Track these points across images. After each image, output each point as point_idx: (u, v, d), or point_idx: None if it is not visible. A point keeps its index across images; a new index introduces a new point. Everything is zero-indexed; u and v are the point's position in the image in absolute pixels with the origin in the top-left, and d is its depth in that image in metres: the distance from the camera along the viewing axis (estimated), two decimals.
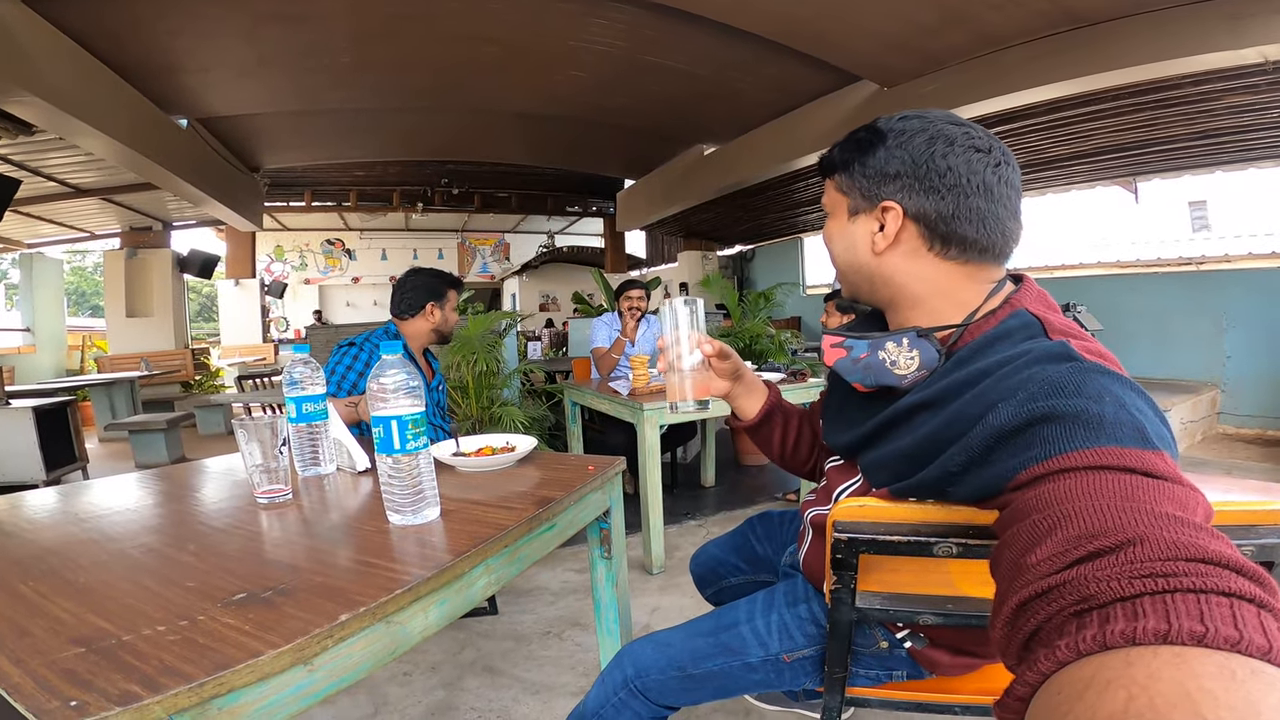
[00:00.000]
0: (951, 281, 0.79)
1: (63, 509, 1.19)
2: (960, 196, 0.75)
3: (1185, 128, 4.50)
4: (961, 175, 0.75)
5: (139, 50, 4.40)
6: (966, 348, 0.75)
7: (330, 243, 13.54)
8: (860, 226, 0.83)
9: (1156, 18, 3.45)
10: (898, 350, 0.79)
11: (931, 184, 0.76)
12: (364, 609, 0.72)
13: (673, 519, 3.27)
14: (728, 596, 1.45)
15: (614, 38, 4.53)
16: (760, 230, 9.90)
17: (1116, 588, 0.40)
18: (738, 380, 1.11)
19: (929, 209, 0.77)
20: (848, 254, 0.86)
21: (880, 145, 0.80)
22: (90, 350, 9.16)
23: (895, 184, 0.78)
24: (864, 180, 0.82)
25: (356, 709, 1.77)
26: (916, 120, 0.79)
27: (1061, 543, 0.47)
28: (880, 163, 0.80)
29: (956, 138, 0.76)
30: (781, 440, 1.19)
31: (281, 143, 6.99)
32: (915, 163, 0.77)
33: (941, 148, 0.76)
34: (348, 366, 2.05)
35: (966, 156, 0.76)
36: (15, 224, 7.38)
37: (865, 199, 0.82)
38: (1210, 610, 0.36)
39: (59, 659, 0.61)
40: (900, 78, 4.69)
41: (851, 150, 0.83)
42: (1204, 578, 0.39)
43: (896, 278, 0.82)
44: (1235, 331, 5.04)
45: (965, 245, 0.77)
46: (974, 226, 0.76)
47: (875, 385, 0.82)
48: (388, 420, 0.98)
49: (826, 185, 0.90)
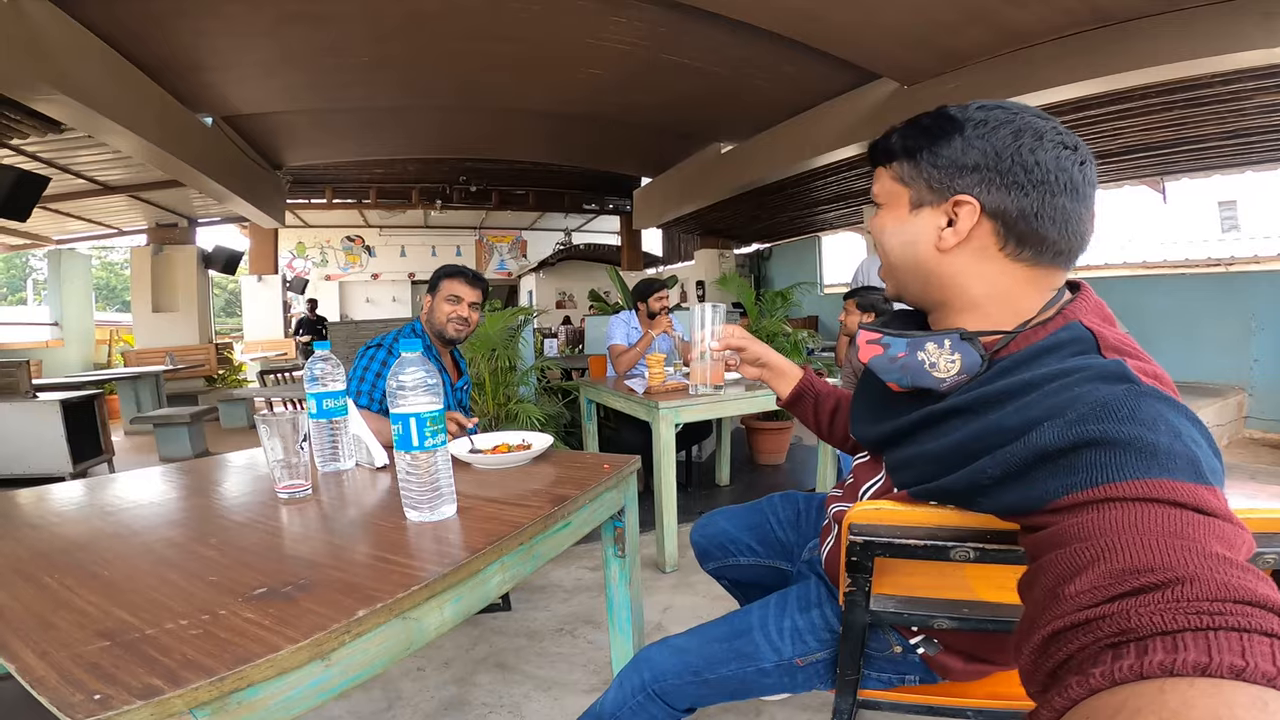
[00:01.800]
0: (1015, 286, 0.74)
1: (89, 502, 1.22)
2: (1047, 194, 0.70)
3: (1215, 127, 4.41)
4: (1050, 171, 0.70)
5: (165, 49, 4.47)
6: (1011, 357, 0.71)
7: (350, 239, 13.70)
8: (924, 221, 0.77)
9: (1187, 16, 3.38)
10: (938, 352, 0.74)
11: (1016, 179, 0.70)
12: (381, 605, 0.73)
13: (687, 517, 3.26)
14: (732, 575, 1.42)
15: (632, 36, 4.53)
16: (777, 229, 9.86)
17: (1159, 621, 0.40)
18: (764, 367, 1.20)
19: (1010, 206, 0.71)
20: (906, 250, 0.80)
21: (957, 134, 0.73)
22: (117, 344, 9.36)
23: (973, 177, 0.72)
24: (934, 170, 0.75)
25: (370, 704, 1.79)
26: (1000, 111, 0.73)
27: (1104, 575, 0.46)
28: (956, 153, 0.73)
29: (1045, 132, 0.71)
30: (815, 417, 1.24)
31: (304, 140, 7.07)
32: (999, 155, 0.71)
33: (1030, 141, 0.70)
34: (376, 374, 1.97)
35: (1056, 152, 0.70)
36: (44, 220, 7.55)
37: (933, 191, 0.76)
38: (1251, 647, 0.36)
39: (84, 652, 0.62)
40: (920, 76, 4.64)
41: (918, 137, 0.77)
42: (1249, 618, 0.38)
43: (959, 278, 0.76)
44: (1264, 334, 4.93)
45: (1043, 247, 0.72)
46: (1058, 227, 0.71)
47: (911, 386, 0.78)
48: (406, 418, 0.99)
49: (880, 174, 0.83)
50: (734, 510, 1.45)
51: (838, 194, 7.48)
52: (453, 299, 2.13)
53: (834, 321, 8.42)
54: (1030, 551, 0.59)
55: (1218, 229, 13.11)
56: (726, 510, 1.46)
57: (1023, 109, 0.73)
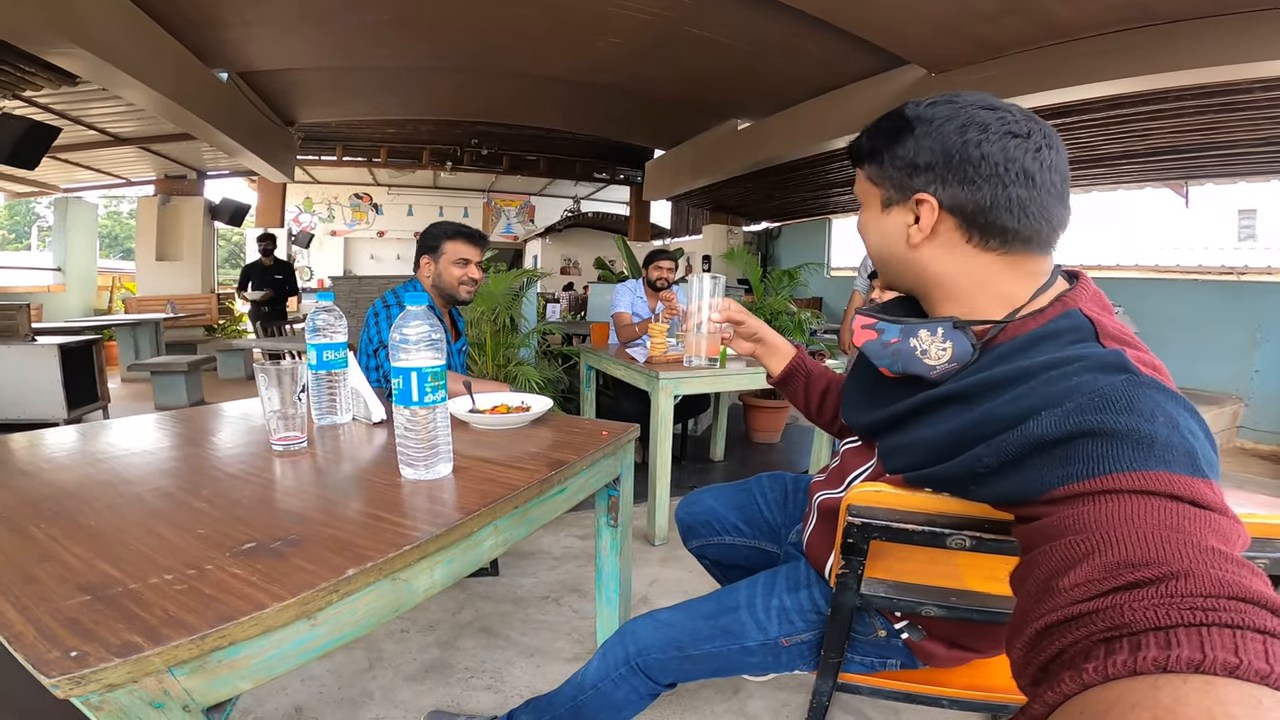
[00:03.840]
0: (992, 273, 0.75)
1: (81, 449, 1.21)
2: (998, 187, 0.70)
3: (1248, 133, 4.31)
4: (999, 164, 0.70)
5: (184, 3, 4.37)
6: (1008, 344, 0.72)
7: (359, 196, 13.58)
8: (894, 219, 0.80)
9: (1238, 20, 3.27)
10: (930, 339, 0.76)
11: (965, 175, 0.71)
12: (371, 564, 0.72)
13: (679, 491, 3.27)
14: (715, 555, 1.42)
15: (655, 6, 4.43)
16: (789, 208, 9.75)
17: (1153, 617, 0.40)
18: (759, 343, 1.21)
19: (965, 201, 0.72)
20: (883, 248, 0.83)
21: (909, 134, 0.75)
22: (119, 291, 9.33)
23: (927, 175, 0.74)
24: (894, 171, 0.78)
25: (352, 664, 1.80)
26: (945, 106, 0.74)
27: (1100, 569, 0.46)
28: (910, 153, 0.75)
29: (990, 124, 0.71)
30: (805, 397, 1.24)
31: (318, 98, 6.98)
32: (947, 153, 0.72)
33: (975, 135, 0.71)
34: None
35: (1003, 144, 0.70)
36: (53, 169, 7.47)
37: (897, 191, 0.78)
38: (1245, 645, 0.36)
39: (64, 607, 0.61)
40: (950, 63, 4.53)
41: (879, 138, 0.79)
42: (1243, 614, 0.38)
43: (932, 270, 0.78)
44: (1268, 345, 4.90)
45: (1006, 236, 0.73)
46: (1014, 217, 0.71)
47: (902, 372, 0.79)
48: (407, 372, 0.98)
49: (858, 174, 0.86)
50: (721, 489, 1.45)
51: (851, 178, 7.35)
52: (461, 261, 2.10)
53: (839, 304, 8.38)
54: (1024, 543, 0.59)
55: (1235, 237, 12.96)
56: (713, 489, 1.46)
57: (971, 101, 0.74)
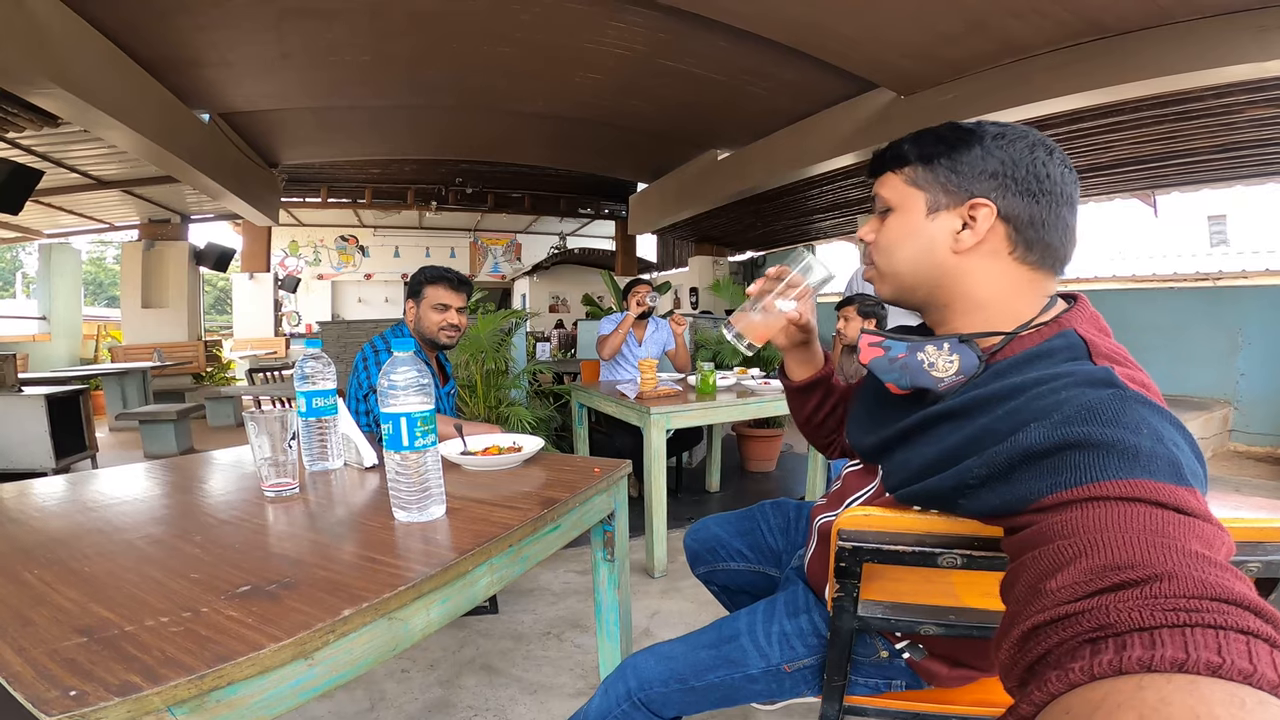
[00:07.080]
0: (1016, 288, 0.79)
1: (71, 497, 1.20)
2: (1053, 204, 0.77)
3: (1206, 140, 4.46)
4: (1058, 184, 0.77)
5: (165, 44, 4.43)
6: (1005, 361, 0.74)
7: (344, 239, 13.62)
8: (941, 224, 0.81)
9: (1183, 29, 3.40)
10: (937, 353, 0.78)
11: (1030, 187, 0.76)
12: (367, 604, 0.72)
13: (676, 523, 3.26)
14: (722, 580, 1.43)
15: (631, 41, 4.54)
16: (772, 236, 9.87)
17: (1137, 618, 0.40)
18: (800, 348, 1.17)
19: (1023, 211, 0.77)
20: (921, 252, 0.82)
21: (977, 144, 0.79)
22: (105, 340, 9.27)
23: (991, 182, 0.77)
24: (952, 175, 0.79)
25: (354, 704, 1.78)
26: (1015, 127, 0.81)
27: (1085, 571, 0.47)
28: (976, 159, 0.78)
29: (1054, 150, 0.78)
30: (815, 410, 1.23)
31: (301, 138, 7.04)
32: (1016, 164, 0.77)
33: (1042, 155, 0.77)
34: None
35: (1061, 169, 0.77)
36: (36, 214, 7.47)
37: (950, 195, 0.80)
38: (1228, 645, 0.36)
39: (61, 648, 0.61)
40: (918, 85, 4.66)
41: (936, 145, 0.81)
42: (1225, 615, 0.39)
43: (968, 279, 0.80)
44: (1251, 349, 4.98)
45: (1046, 252, 0.78)
46: (1059, 235, 0.78)
47: (910, 386, 0.80)
48: (397, 417, 0.98)
49: (889, 180, 0.86)
50: (727, 516, 1.47)
51: (833, 203, 7.51)
52: (439, 307, 2.10)
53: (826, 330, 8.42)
54: (1012, 553, 0.60)
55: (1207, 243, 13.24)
56: (719, 516, 1.48)
57: (1032, 129, 0.80)
